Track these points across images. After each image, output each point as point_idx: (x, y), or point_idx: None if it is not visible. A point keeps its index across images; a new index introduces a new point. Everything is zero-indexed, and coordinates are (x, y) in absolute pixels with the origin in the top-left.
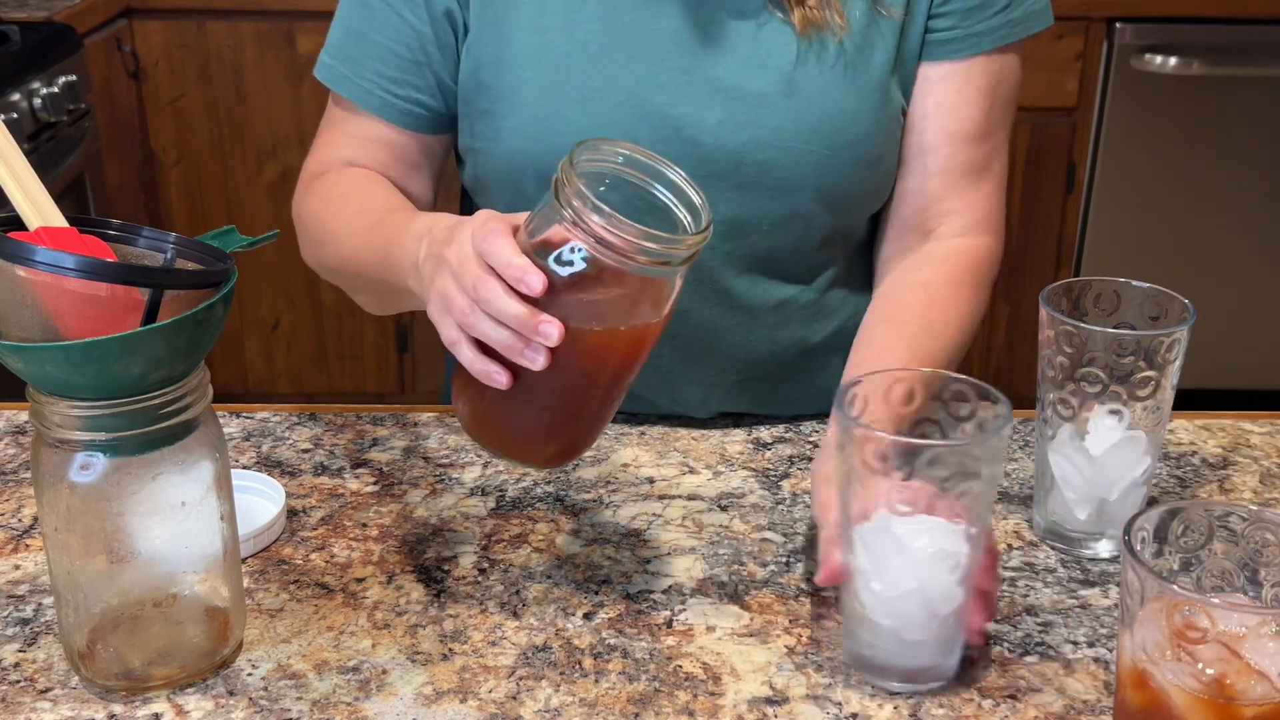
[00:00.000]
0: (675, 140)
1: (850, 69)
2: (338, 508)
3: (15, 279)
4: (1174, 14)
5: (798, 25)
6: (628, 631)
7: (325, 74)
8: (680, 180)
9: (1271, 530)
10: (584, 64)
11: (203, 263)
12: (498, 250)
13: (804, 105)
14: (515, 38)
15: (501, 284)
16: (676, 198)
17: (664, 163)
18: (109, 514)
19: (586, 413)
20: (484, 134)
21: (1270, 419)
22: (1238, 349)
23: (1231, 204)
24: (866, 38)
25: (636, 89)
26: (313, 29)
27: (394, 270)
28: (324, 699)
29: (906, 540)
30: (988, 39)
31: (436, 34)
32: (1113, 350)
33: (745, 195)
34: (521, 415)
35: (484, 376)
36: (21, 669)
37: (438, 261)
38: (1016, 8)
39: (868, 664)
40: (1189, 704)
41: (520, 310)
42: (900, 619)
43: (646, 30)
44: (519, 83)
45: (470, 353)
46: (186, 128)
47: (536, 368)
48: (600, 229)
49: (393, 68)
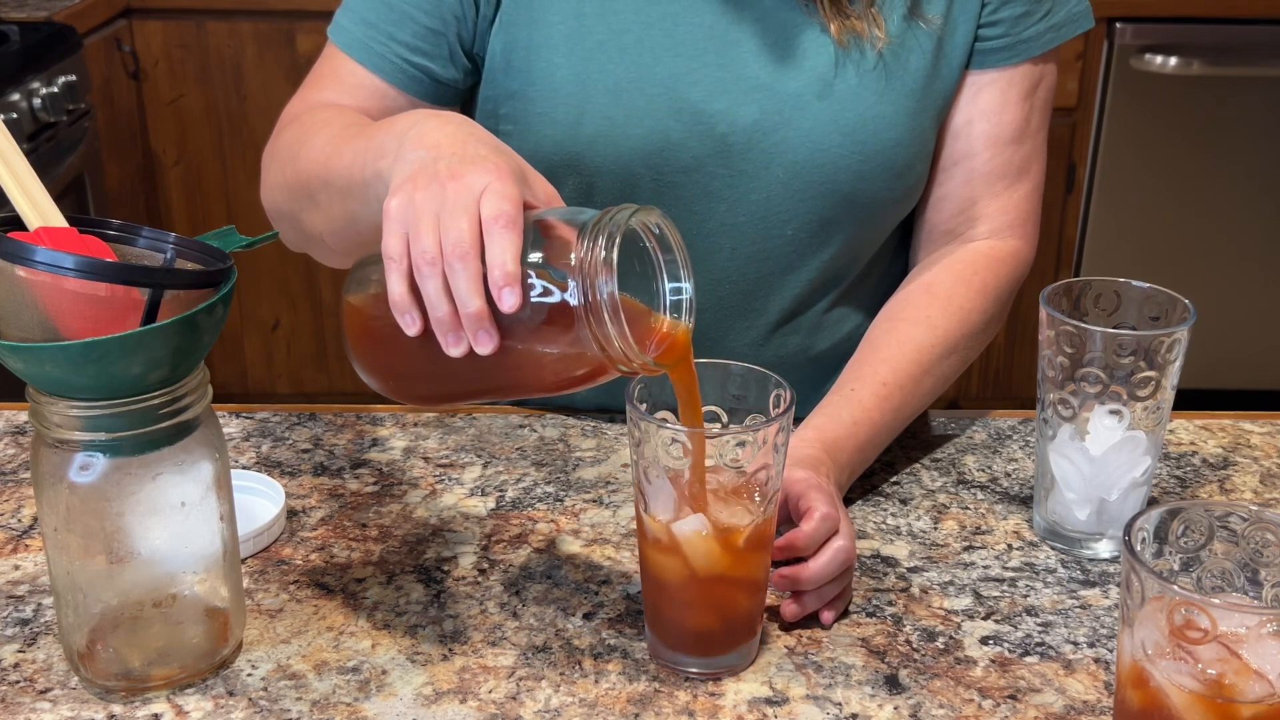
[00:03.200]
0: (708, 136)
1: (887, 76)
2: (338, 508)
3: (15, 279)
4: (1174, 14)
5: (835, 35)
6: (628, 631)
7: (341, 36)
8: (686, 295)
9: (1271, 530)
10: (619, 53)
11: (203, 263)
12: (502, 243)
13: (838, 109)
14: (550, 21)
15: (478, 268)
16: (673, 298)
17: (688, 267)
18: (109, 514)
19: (469, 394)
20: (510, 116)
21: (1270, 419)
22: (1238, 349)
23: (1231, 204)
24: (903, 45)
25: (671, 82)
26: (313, 29)
27: (372, 151)
28: (324, 699)
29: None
30: (1035, 44)
31: (462, 3)
32: (1113, 350)
33: (774, 196)
34: (408, 358)
35: (398, 311)
36: (21, 669)
37: (431, 175)
38: (1058, 11)
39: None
40: (1188, 703)
41: (478, 308)
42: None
43: (685, 24)
44: (551, 67)
45: (401, 284)
46: (186, 128)
47: (452, 355)
48: (598, 299)
49: (409, 33)
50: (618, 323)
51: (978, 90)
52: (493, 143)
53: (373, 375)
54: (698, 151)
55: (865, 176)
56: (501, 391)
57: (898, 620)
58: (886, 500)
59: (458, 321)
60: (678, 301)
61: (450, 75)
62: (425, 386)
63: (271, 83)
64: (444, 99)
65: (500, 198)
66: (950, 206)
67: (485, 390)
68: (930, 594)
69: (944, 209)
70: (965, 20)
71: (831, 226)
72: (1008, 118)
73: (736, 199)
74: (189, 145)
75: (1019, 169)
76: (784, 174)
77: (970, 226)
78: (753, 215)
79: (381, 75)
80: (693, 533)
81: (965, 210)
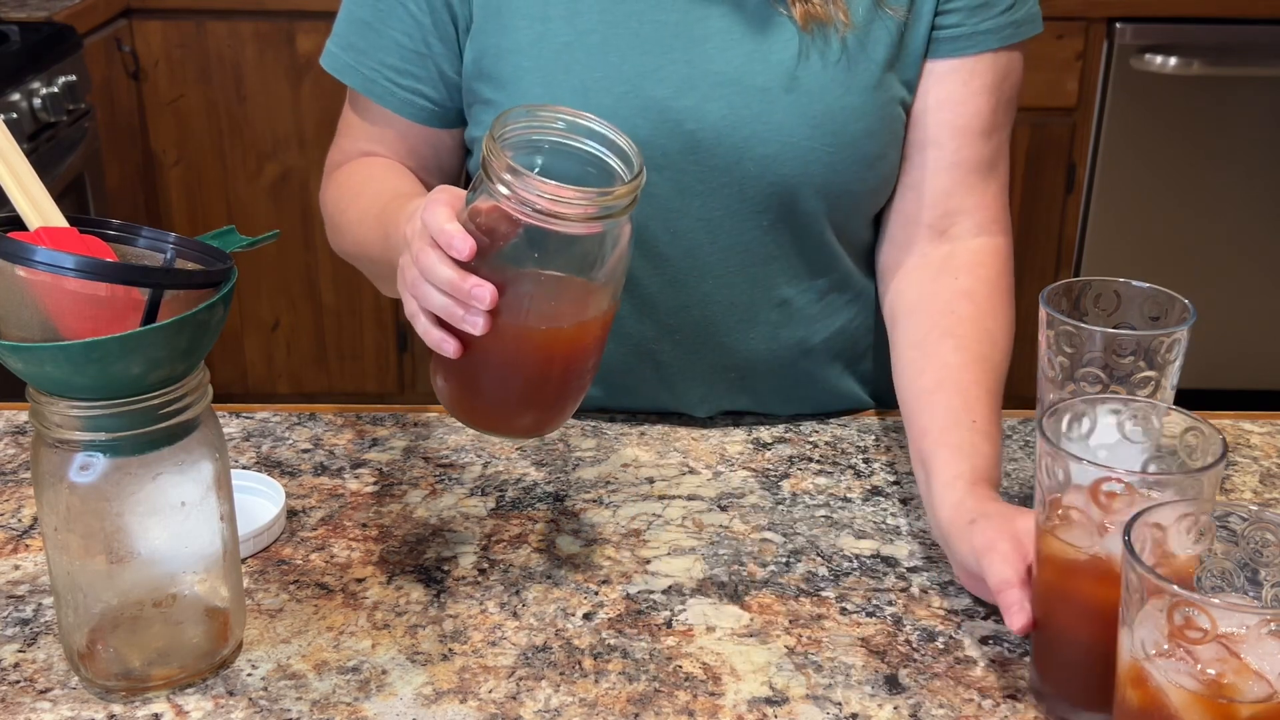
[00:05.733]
0: (677, 133)
1: (852, 65)
2: (338, 508)
3: (15, 279)
4: (1174, 14)
5: (799, 20)
6: (628, 631)
7: (330, 62)
8: (606, 130)
9: (1271, 530)
10: (585, 54)
11: (203, 263)
12: (432, 218)
13: (806, 100)
14: (516, 26)
15: (439, 251)
16: (608, 149)
17: (584, 116)
18: (109, 514)
19: (549, 382)
20: (485, 122)
21: (1270, 419)
22: (1238, 349)
23: (1231, 204)
24: (868, 34)
25: (638, 80)
26: (313, 29)
27: (394, 252)
28: (324, 699)
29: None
30: (993, 37)
31: (437, 25)
32: (1113, 350)
33: (747, 190)
34: (486, 385)
35: (435, 345)
36: (21, 669)
37: (403, 238)
38: (1019, 9)
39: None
40: (1187, 703)
41: (451, 274)
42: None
43: (650, 22)
44: (519, 71)
45: (424, 323)
46: (186, 128)
47: (477, 332)
48: (520, 191)
49: (395, 57)
50: (521, 175)
51: (937, 79)
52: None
53: (496, 421)
54: (667, 148)
55: (837, 168)
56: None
57: (898, 620)
58: (886, 500)
59: (458, 301)
60: (600, 137)
61: (443, 96)
62: (526, 393)
63: (271, 83)
64: (448, 122)
65: (429, 201)
66: (925, 196)
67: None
68: (930, 594)
69: (917, 198)
70: (928, 8)
71: (808, 217)
72: (972, 109)
73: (710, 194)
74: (189, 145)
75: (989, 163)
76: (755, 168)
77: (951, 222)
78: (728, 209)
79: (379, 102)
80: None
81: (942, 203)
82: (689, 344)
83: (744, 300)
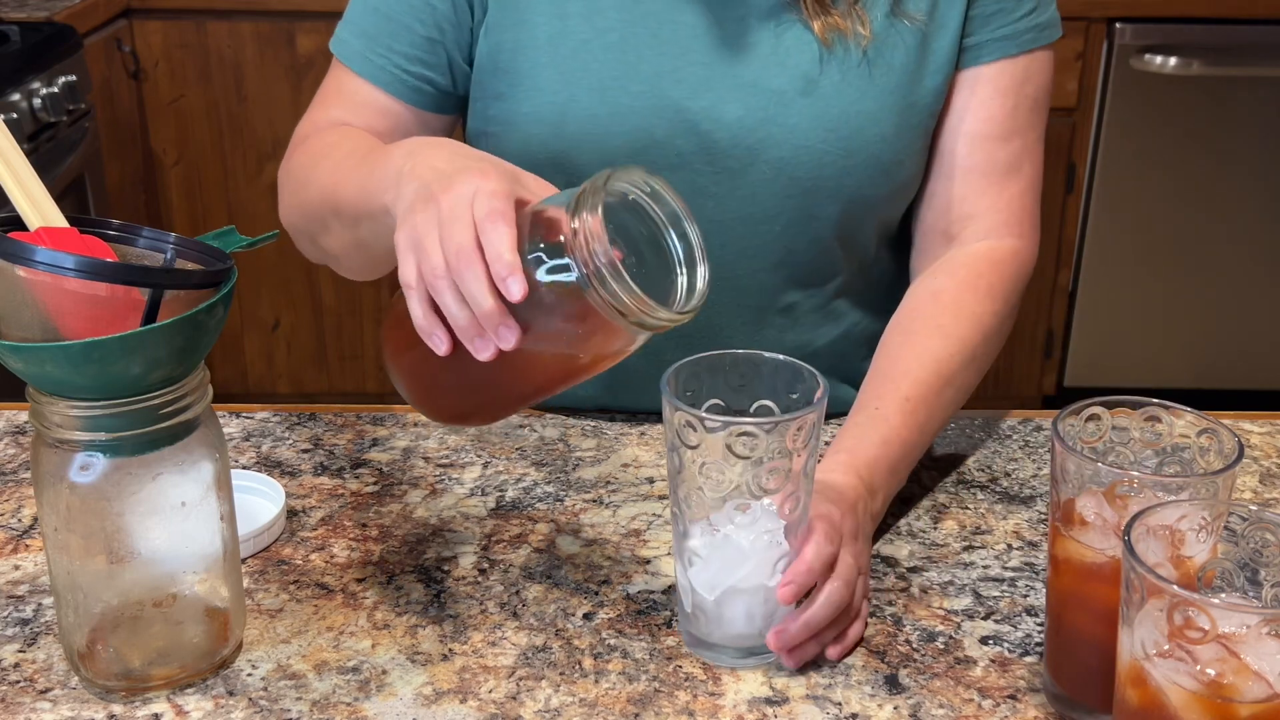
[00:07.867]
0: (692, 134)
1: (870, 73)
2: (338, 508)
3: (15, 279)
4: (1174, 14)
5: (819, 34)
6: (628, 631)
7: (341, 49)
8: (695, 241)
9: (1271, 530)
10: (603, 52)
11: (203, 263)
12: (495, 237)
13: (822, 105)
14: (534, 22)
15: (483, 268)
16: (684, 256)
17: (689, 216)
18: (109, 514)
19: (504, 402)
20: (498, 118)
21: (1270, 419)
22: (1238, 349)
23: (1231, 204)
24: (887, 42)
25: (656, 80)
26: (313, 29)
27: (374, 185)
28: (324, 699)
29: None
30: (1013, 43)
31: (455, 11)
32: None
33: (760, 193)
34: (441, 374)
35: (425, 334)
36: (21, 669)
37: (427, 197)
38: (1043, 12)
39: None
40: (1187, 703)
41: (490, 306)
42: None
43: (669, 23)
44: (536, 68)
45: (421, 306)
46: (186, 128)
47: (481, 359)
48: (596, 264)
49: (406, 44)
50: (620, 280)
51: (961, 87)
52: (480, 154)
53: (423, 404)
54: (682, 149)
55: (851, 172)
56: (546, 387)
57: (898, 620)
58: None
59: (479, 326)
60: (689, 250)
61: (449, 84)
62: (478, 402)
63: (271, 83)
64: (446, 108)
65: (489, 195)
66: (937, 204)
67: (530, 392)
68: (930, 594)
69: (932, 205)
70: (953, 17)
71: (820, 222)
72: (986, 114)
73: (723, 195)
74: (189, 145)
75: (1006, 166)
76: (769, 170)
77: (962, 227)
78: (740, 211)
79: (384, 88)
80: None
81: (952, 208)
82: (694, 345)
83: (751, 304)
